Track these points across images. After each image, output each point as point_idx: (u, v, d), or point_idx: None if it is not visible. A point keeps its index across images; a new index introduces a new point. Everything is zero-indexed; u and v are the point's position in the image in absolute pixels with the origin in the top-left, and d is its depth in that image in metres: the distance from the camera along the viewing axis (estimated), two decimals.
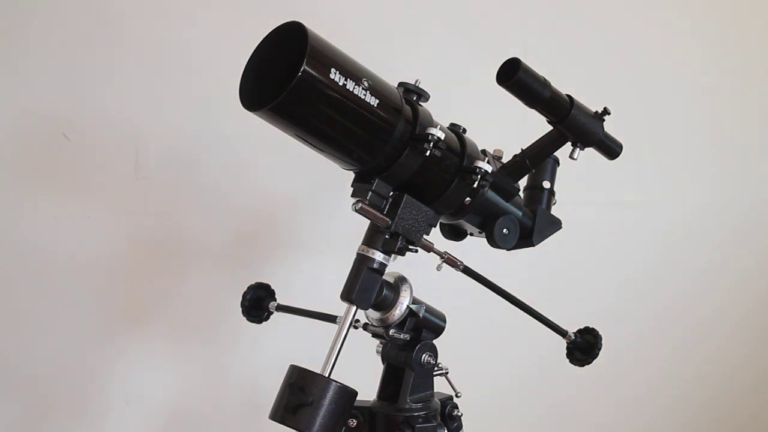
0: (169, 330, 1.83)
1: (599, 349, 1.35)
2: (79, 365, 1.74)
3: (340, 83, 1.09)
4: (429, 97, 1.25)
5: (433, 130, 1.17)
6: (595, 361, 1.37)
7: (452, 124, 1.32)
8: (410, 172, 1.19)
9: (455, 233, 1.45)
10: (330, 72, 1.08)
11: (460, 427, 1.39)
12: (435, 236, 1.29)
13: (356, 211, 1.16)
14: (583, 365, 1.38)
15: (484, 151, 1.34)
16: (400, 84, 1.24)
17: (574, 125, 1.28)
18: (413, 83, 1.24)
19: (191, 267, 1.83)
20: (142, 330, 1.80)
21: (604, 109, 1.31)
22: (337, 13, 1.89)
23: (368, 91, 1.12)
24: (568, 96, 1.29)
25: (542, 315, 1.37)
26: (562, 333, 1.38)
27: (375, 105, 1.13)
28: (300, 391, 1.09)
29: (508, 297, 1.35)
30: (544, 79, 1.26)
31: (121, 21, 1.74)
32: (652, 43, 2.37)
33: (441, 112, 1.27)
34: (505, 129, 1.69)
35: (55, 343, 1.71)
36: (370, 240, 1.20)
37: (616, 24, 2.33)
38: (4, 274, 1.67)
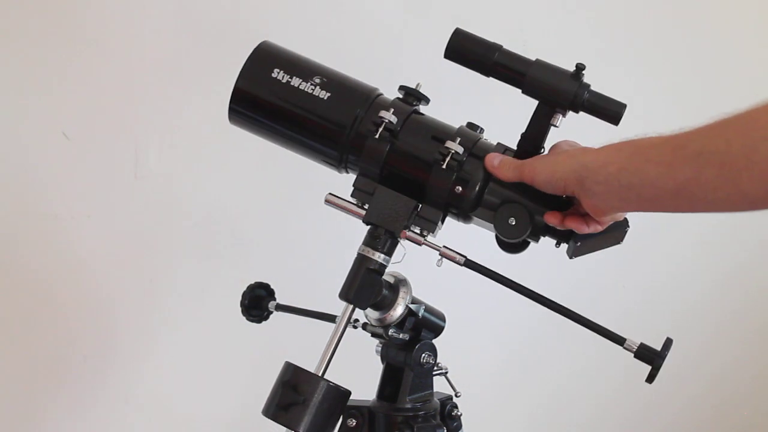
0: (169, 329, 1.83)
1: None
2: (78, 365, 1.74)
3: (283, 81, 1.12)
4: (422, 96, 1.21)
5: (384, 113, 1.13)
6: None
7: (470, 123, 1.26)
8: (379, 162, 1.16)
9: (506, 244, 1.26)
10: (272, 72, 1.11)
11: (459, 426, 1.39)
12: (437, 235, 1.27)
13: (325, 203, 1.18)
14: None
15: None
16: (401, 87, 1.21)
17: (537, 85, 1.15)
18: (414, 86, 1.21)
19: (191, 266, 1.83)
20: (141, 329, 1.80)
21: (577, 65, 1.17)
22: (338, 13, 1.89)
23: (318, 87, 1.13)
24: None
25: (568, 309, 1.23)
26: (616, 338, 1.22)
27: (325, 98, 1.14)
28: (292, 390, 1.09)
29: (526, 292, 1.22)
30: (495, 43, 1.16)
31: (121, 20, 1.74)
32: (652, 42, 2.37)
33: (441, 112, 1.27)
34: (506, 129, 1.69)
35: (55, 343, 1.71)
36: (370, 240, 1.19)
37: (617, 23, 2.32)
38: (4, 274, 1.68)
